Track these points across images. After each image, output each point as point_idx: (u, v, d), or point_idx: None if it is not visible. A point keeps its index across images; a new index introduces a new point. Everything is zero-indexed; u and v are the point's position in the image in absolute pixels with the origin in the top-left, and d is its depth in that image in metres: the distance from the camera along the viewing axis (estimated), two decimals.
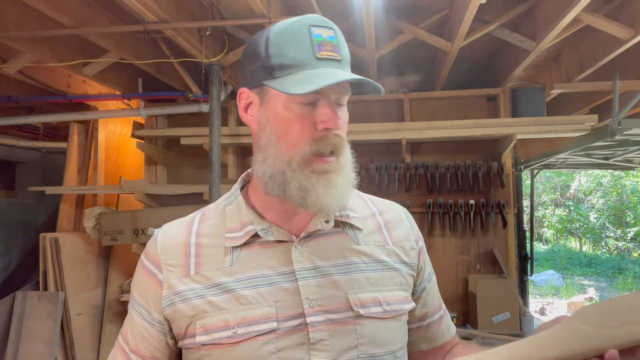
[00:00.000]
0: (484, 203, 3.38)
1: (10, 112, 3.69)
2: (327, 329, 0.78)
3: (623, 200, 13.47)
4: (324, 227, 0.83)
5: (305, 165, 0.77)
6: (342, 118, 0.81)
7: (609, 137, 3.17)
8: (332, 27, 0.79)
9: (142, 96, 3.43)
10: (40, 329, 3.22)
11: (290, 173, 0.77)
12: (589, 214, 14.24)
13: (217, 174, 2.89)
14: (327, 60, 0.76)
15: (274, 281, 0.79)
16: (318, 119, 0.77)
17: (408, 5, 2.74)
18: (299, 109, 0.77)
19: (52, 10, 2.21)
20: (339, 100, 0.80)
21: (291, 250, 0.81)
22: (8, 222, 4.05)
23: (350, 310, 0.79)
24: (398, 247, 0.89)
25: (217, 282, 0.79)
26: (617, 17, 2.46)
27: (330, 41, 0.77)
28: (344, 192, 0.79)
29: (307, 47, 0.76)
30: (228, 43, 2.81)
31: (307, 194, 0.77)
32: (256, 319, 0.77)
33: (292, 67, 0.75)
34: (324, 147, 0.77)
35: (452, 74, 3.38)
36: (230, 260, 0.80)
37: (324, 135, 0.77)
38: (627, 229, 13.35)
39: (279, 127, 0.79)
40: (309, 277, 0.80)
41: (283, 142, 0.78)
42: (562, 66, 3.35)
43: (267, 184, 0.80)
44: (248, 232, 0.82)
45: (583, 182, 14.65)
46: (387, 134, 3.31)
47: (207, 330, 0.78)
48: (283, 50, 0.76)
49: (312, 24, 0.77)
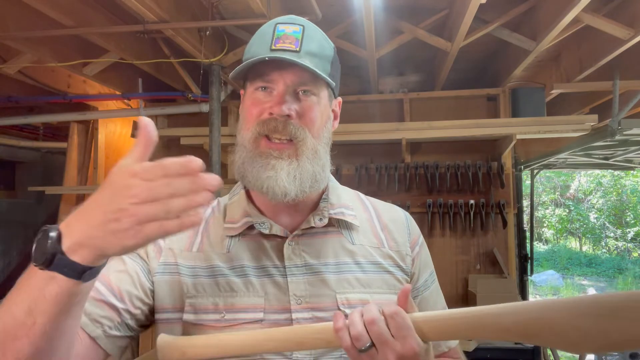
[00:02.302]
0: (484, 203, 3.38)
1: (10, 112, 3.68)
2: None
3: (623, 200, 13.47)
4: (317, 224, 0.84)
5: (254, 147, 0.80)
6: (302, 107, 0.81)
7: (609, 137, 3.17)
8: (302, 24, 0.82)
9: (142, 96, 3.42)
10: None
11: (244, 155, 0.81)
12: (589, 214, 14.25)
13: (217, 174, 2.88)
14: (281, 50, 0.79)
15: (266, 273, 0.81)
16: (266, 104, 0.80)
17: (408, 5, 2.74)
18: (255, 95, 0.82)
19: (52, 10, 2.21)
20: (297, 89, 0.81)
21: (284, 247, 0.83)
22: (8, 222, 4.05)
23: (337, 309, 0.80)
24: (394, 251, 0.89)
25: (213, 264, 0.82)
26: (617, 17, 2.46)
27: (292, 35, 0.80)
28: (290, 179, 0.78)
29: (267, 41, 0.80)
30: (228, 43, 2.81)
31: (246, 170, 0.80)
32: (244, 307, 0.79)
33: (249, 59, 0.80)
34: (266, 129, 0.79)
35: (452, 74, 3.39)
36: (227, 247, 0.83)
37: (269, 119, 0.79)
38: (627, 229, 13.35)
39: (242, 115, 0.85)
40: (298, 274, 0.81)
41: (243, 127, 0.83)
42: (562, 66, 3.35)
43: (236, 172, 0.83)
44: (245, 224, 0.84)
45: (583, 182, 14.66)
46: (387, 134, 3.31)
47: (196, 310, 0.79)
48: (250, 48, 0.83)
49: (279, 22, 0.82)
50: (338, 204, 0.89)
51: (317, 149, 0.82)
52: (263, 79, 0.80)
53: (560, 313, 0.57)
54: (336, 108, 0.91)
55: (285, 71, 0.79)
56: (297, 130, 0.79)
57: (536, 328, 0.59)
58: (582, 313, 0.55)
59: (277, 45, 0.79)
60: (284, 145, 0.79)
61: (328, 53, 0.83)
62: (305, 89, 0.81)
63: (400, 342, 0.65)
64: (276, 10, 2.41)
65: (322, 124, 0.84)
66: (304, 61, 0.78)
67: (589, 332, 0.54)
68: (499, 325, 0.61)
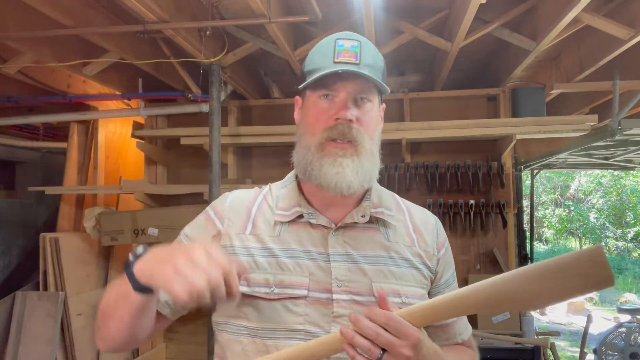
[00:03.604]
0: (484, 203, 3.38)
1: (10, 112, 3.68)
2: (350, 307, 0.89)
3: (623, 200, 13.47)
4: (360, 220, 0.95)
5: (320, 149, 0.92)
6: (361, 112, 0.93)
7: (609, 137, 3.17)
8: (359, 40, 0.94)
9: (142, 96, 3.42)
10: (40, 329, 3.22)
11: (310, 157, 0.93)
12: (589, 214, 14.25)
13: (217, 174, 2.89)
14: (344, 63, 0.90)
15: (311, 257, 0.92)
16: (331, 111, 0.92)
17: (408, 5, 2.74)
18: (319, 103, 0.93)
19: (52, 10, 2.21)
20: (356, 96, 0.93)
21: (328, 236, 0.94)
22: (8, 222, 4.04)
23: (372, 295, 0.90)
24: (423, 250, 0.99)
25: (265, 245, 0.94)
26: (617, 17, 2.46)
27: (351, 49, 0.92)
28: (354, 174, 0.90)
29: (330, 55, 0.92)
30: (228, 43, 2.81)
31: (314, 169, 0.91)
32: (291, 284, 0.90)
33: (315, 71, 0.92)
34: (334, 134, 0.91)
35: (452, 74, 3.38)
36: (278, 231, 0.95)
37: (336, 124, 0.91)
38: (627, 229, 13.35)
39: (307, 121, 0.96)
40: (340, 261, 0.92)
41: (308, 132, 0.95)
42: (562, 66, 3.35)
43: (299, 169, 0.96)
44: (295, 212, 0.96)
45: (583, 182, 14.66)
46: (387, 134, 3.31)
47: (250, 283, 0.91)
48: (312, 59, 0.96)
49: (338, 37, 0.94)
50: (379, 204, 1.00)
51: (372, 149, 0.95)
52: (328, 88, 0.92)
53: (512, 283, 0.71)
54: (381, 112, 1.05)
55: (347, 81, 0.91)
56: (357, 133, 0.91)
57: (497, 300, 0.74)
58: (529, 279, 0.70)
59: (339, 58, 0.91)
60: (346, 145, 0.91)
61: (380, 65, 0.97)
62: (363, 96, 0.93)
63: (404, 338, 0.76)
64: (276, 10, 2.41)
65: (375, 127, 0.98)
66: (364, 72, 0.90)
67: (536, 292, 0.70)
68: (467, 305, 0.76)
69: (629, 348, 4.69)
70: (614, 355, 4.77)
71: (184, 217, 3.25)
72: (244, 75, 3.38)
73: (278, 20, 2.39)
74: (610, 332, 4.85)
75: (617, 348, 4.75)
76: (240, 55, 2.94)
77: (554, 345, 3.34)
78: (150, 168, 3.73)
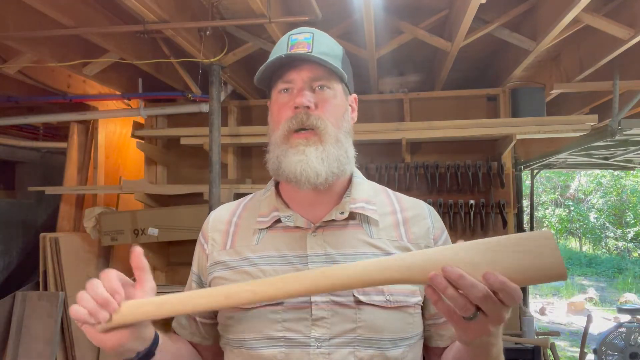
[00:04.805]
0: (484, 203, 3.38)
1: (10, 112, 3.68)
2: (329, 309, 0.87)
3: (623, 200, 13.48)
4: (338, 217, 0.93)
5: (285, 142, 0.91)
6: (320, 99, 0.92)
7: (609, 137, 3.17)
8: (312, 32, 0.95)
9: (142, 96, 3.42)
10: (40, 329, 3.22)
11: (277, 151, 0.92)
12: (589, 214, 14.26)
13: (217, 174, 2.89)
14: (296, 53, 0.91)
15: (289, 262, 0.91)
16: (290, 102, 0.92)
17: (408, 5, 2.74)
18: (280, 98, 0.94)
19: (52, 10, 2.21)
20: (312, 84, 0.92)
21: (307, 237, 0.92)
22: (8, 222, 4.04)
23: (352, 295, 0.87)
24: (413, 244, 0.95)
25: (244, 256, 0.94)
26: (617, 17, 2.46)
27: (304, 41, 0.93)
28: (319, 162, 0.89)
29: (283, 49, 0.94)
30: (228, 43, 2.81)
31: (281, 163, 0.91)
32: None
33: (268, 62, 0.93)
34: (294, 123, 0.90)
35: (452, 74, 3.38)
36: (256, 239, 0.95)
37: (295, 114, 0.90)
38: (627, 229, 13.36)
39: (271, 118, 0.97)
40: (318, 262, 0.90)
41: (274, 127, 0.95)
42: (562, 66, 3.35)
43: (272, 169, 0.94)
44: (273, 218, 0.95)
45: (583, 182, 14.67)
46: (387, 134, 3.31)
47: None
48: (270, 56, 0.95)
49: (292, 33, 0.96)
50: (359, 199, 0.96)
51: (338, 136, 0.92)
52: (283, 79, 0.93)
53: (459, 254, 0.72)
54: (353, 103, 1.03)
55: (301, 70, 0.92)
56: (318, 120, 0.90)
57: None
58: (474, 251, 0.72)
59: (291, 50, 0.92)
60: (309, 133, 0.90)
61: (337, 53, 0.96)
62: (320, 84, 0.92)
63: (511, 304, 0.69)
64: (276, 10, 2.41)
65: (340, 115, 0.95)
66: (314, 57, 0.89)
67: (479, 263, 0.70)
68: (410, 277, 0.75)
69: (629, 348, 4.69)
70: (614, 355, 4.77)
71: (184, 217, 3.26)
72: (244, 75, 3.38)
73: (278, 20, 2.39)
74: (610, 332, 4.86)
75: (617, 348, 4.76)
76: (240, 55, 2.94)
77: (554, 345, 3.34)
78: (150, 168, 3.73)
